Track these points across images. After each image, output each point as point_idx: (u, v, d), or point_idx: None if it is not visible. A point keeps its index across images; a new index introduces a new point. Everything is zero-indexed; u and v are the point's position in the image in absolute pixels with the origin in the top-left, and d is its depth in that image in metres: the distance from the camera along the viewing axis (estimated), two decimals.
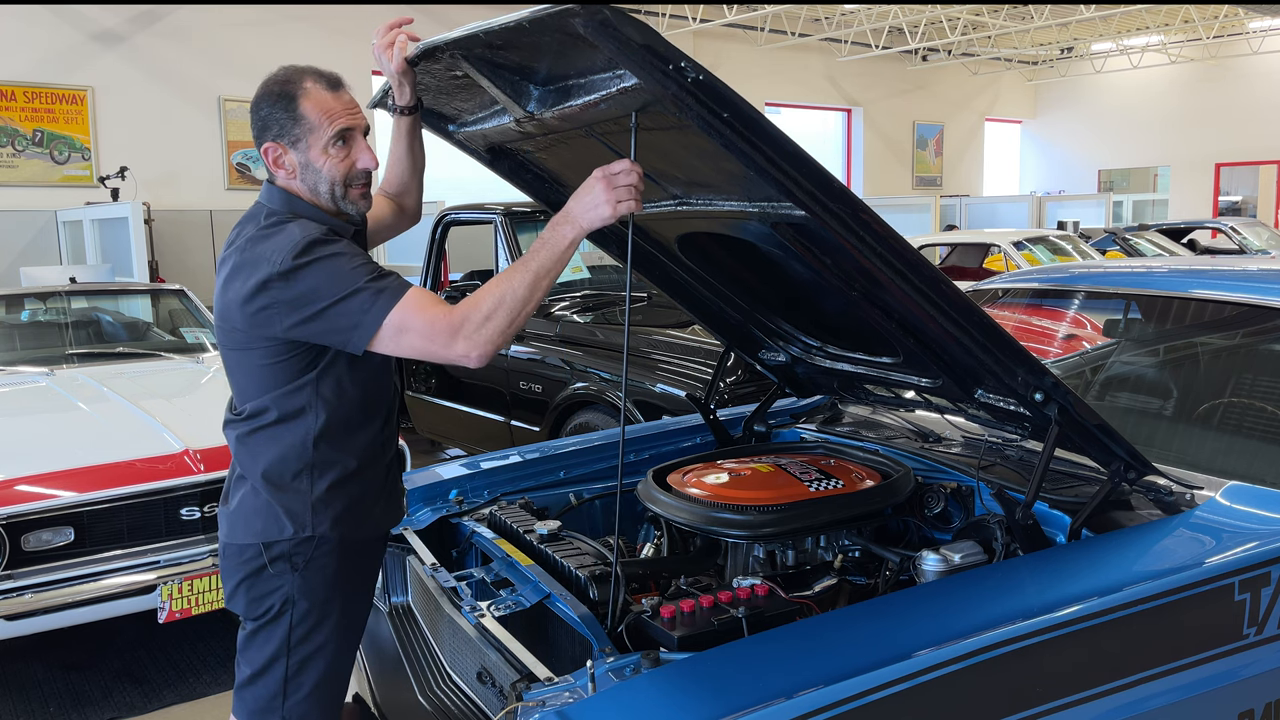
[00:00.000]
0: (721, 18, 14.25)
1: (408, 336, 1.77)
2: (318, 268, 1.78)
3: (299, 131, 1.87)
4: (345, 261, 1.80)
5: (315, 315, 1.78)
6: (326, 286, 1.78)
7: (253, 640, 1.95)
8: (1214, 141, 18.96)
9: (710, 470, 2.25)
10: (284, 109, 1.87)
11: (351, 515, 1.96)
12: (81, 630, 3.76)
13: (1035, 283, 3.22)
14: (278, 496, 1.91)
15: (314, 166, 1.89)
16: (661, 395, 4.29)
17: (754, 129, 1.54)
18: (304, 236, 1.81)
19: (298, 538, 1.90)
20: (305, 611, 1.92)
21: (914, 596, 1.72)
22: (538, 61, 1.73)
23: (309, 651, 1.93)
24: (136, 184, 9.88)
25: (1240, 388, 2.53)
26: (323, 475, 1.92)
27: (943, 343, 1.93)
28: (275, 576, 1.91)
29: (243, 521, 1.93)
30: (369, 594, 2.09)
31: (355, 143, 1.91)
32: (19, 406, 4.40)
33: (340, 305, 1.77)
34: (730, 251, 2.21)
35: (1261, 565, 1.74)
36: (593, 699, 1.45)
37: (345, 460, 1.94)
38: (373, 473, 2.00)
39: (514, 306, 1.76)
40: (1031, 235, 10.45)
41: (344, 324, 1.78)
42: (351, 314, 1.77)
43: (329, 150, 1.87)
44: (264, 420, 1.91)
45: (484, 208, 5.69)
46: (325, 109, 1.87)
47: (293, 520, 1.90)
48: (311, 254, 1.79)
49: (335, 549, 1.93)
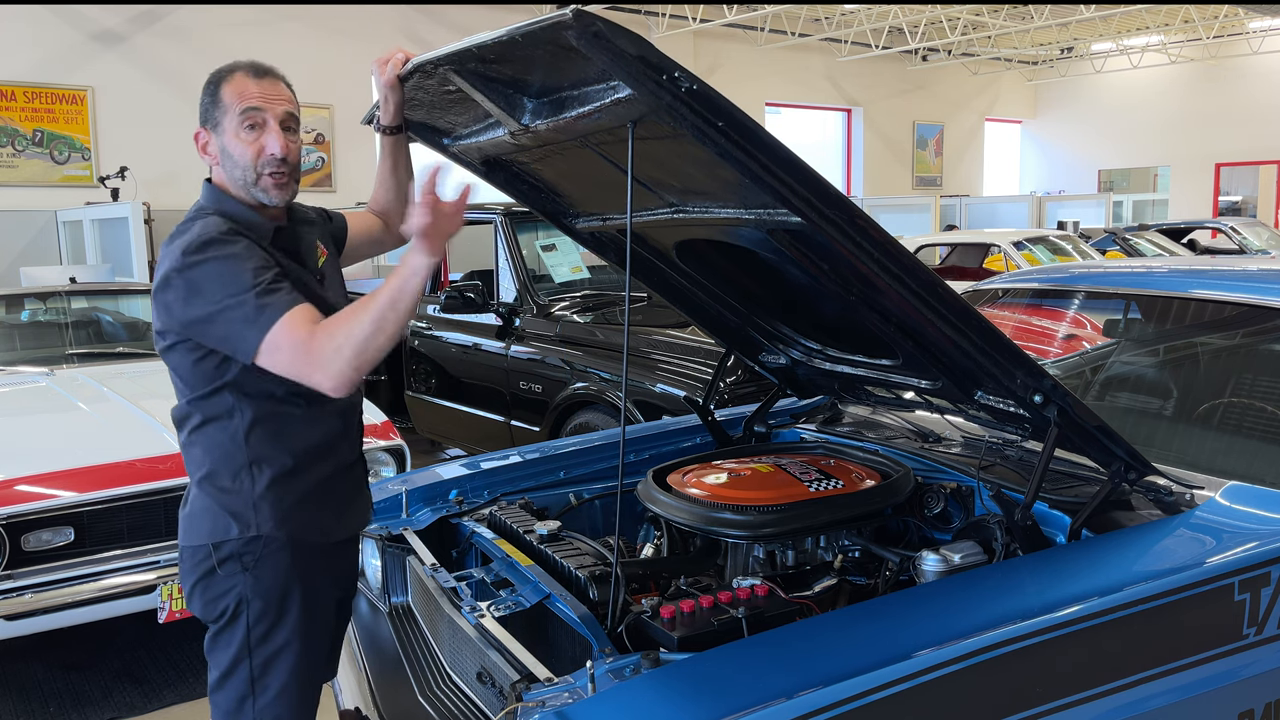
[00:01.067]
0: (721, 18, 14.25)
1: (280, 355, 1.72)
2: (208, 268, 1.75)
3: (217, 115, 1.87)
4: (237, 265, 1.75)
5: (204, 319, 1.75)
6: (212, 289, 1.74)
7: (215, 643, 1.93)
8: (1214, 141, 18.96)
9: (710, 470, 2.26)
10: (209, 94, 1.88)
11: (299, 515, 1.91)
12: (81, 630, 3.76)
13: (1035, 283, 3.22)
14: (219, 498, 1.88)
15: (228, 150, 1.87)
16: (661, 395, 4.29)
17: (749, 137, 1.54)
18: (201, 234, 1.78)
19: (244, 537, 1.87)
20: (260, 611, 1.89)
21: (914, 596, 1.72)
22: (531, 74, 1.73)
23: (271, 652, 1.91)
24: (136, 184, 9.88)
25: (1240, 388, 2.53)
26: (261, 472, 1.88)
27: (941, 346, 1.94)
28: (226, 577, 1.88)
29: (192, 524, 1.91)
30: (337, 595, 2.05)
31: (266, 127, 1.87)
32: (19, 406, 4.40)
33: (226, 312, 1.73)
34: (728, 257, 2.21)
35: (1261, 565, 1.74)
36: (593, 699, 1.45)
37: (281, 457, 1.89)
38: (319, 471, 1.95)
39: (360, 341, 1.69)
40: (1031, 235, 10.45)
41: (228, 332, 1.75)
42: (235, 323, 1.73)
43: (240, 134, 1.86)
44: (195, 422, 1.89)
45: (484, 208, 5.69)
46: (240, 91, 1.86)
47: (237, 520, 1.87)
48: (204, 253, 1.75)
49: (286, 548, 1.89)
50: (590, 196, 2.29)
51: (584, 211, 2.39)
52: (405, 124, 2.14)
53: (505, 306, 5.28)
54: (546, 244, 5.57)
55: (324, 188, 12.13)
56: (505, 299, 5.33)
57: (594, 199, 2.29)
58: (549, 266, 5.53)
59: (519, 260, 5.35)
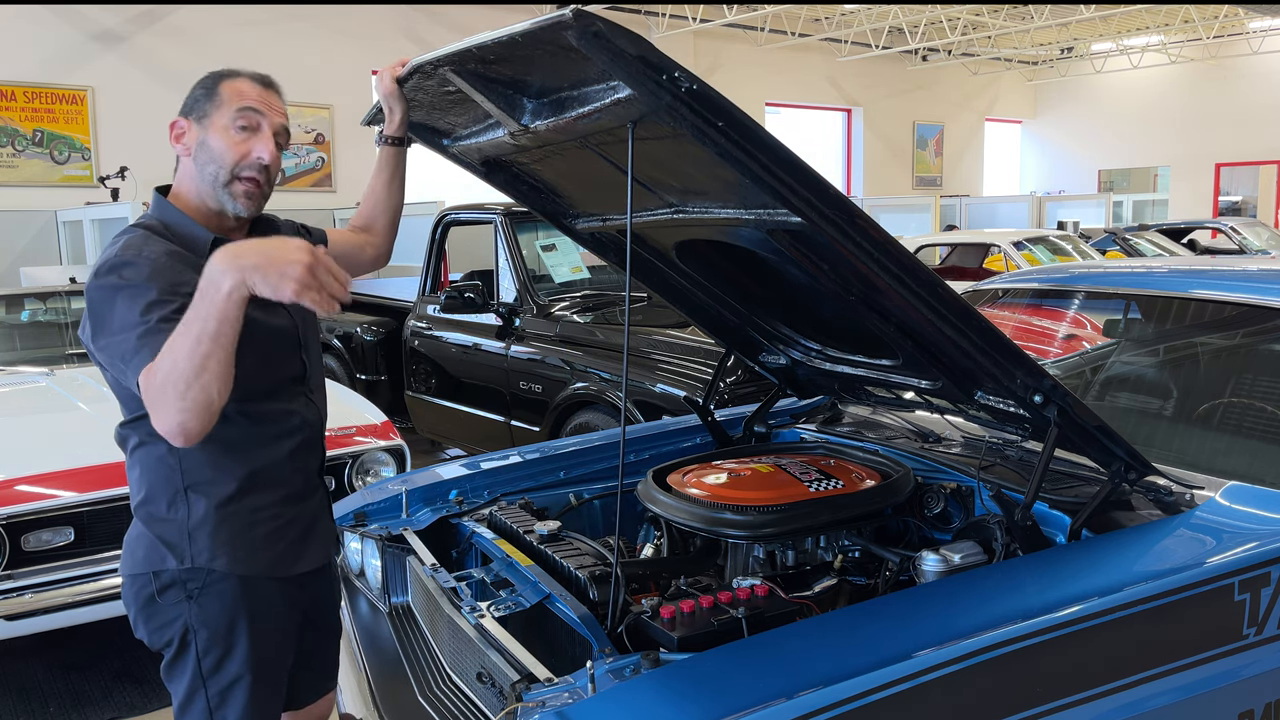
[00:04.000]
0: (721, 18, 14.25)
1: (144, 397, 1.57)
2: (107, 295, 1.65)
3: (208, 107, 1.81)
4: (135, 294, 1.62)
5: (98, 347, 1.67)
6: (108, 318, 1.64)
7: (170, 672, 1.85)
8: (1214, 141, 18.96)
9: (710, 470, 2.25)
10: (204, 87, 1.83)
11: (239, 547, 1.80)
12: (81, 630, 3.75)
13: (1035, 283, 3.22)
14: (154, 526, 1.80)
15: (209, 144, 1.80)
16: (661, 395, 4.29)
17: (749, 137, 1.53)
18: (117, 255, 1.68)
19: (179, 569, 1.78)
20: (208, 641, 1.80)
21: (914, 597, 1.72)
22: (531, 75, 1.73)
23: (225, 683, 1.82)
24: (136, 184, 9.87)
25: (1240, 388, 2.53)
26: (197, 499, 1.78)
27: (941, 346, 1.94)
28: (169, 606, 1.79)
29: (130, 551, 1.83)
30: (299, 620, 1.95)
31: (260, 132, 1.82)
32: (19, 406, 4.40)
33: (114, 345, 1.63)
34: (728, 258, 2.21)
35: (1261, 565, 1.74)
36: (592, 699, 1.45)
37: (222, 483, 1.78)
38: (263, 499, 1.83)
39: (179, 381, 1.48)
40: (1031, 235, 10.45)
41: (114, 364, 1.66)
42: (118, 357, 1.63)
43: (230, 131, 1.80)
44: (132, 444, 1.80)
45: (484, 208, 5.70)
46: (238, 91, 1.83)
47: (171, 551, 1.78)
48: (109, 277, 1.66)
49: (228, 579, 1.79)
50: (590, 197, 2.29)
51: (584, 212, 2.39)
52: (407, 140, 2.12)
53: (505, 306, 5.28)
54: (546, 244, 5.57)
55: (324, 188, 12.13)
56: (505, 299, 5.33)
57: (594, 199, 2.29)
58: (549, 266, 5.53)
59: (519, 260, 5.35)
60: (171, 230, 1.80)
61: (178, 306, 1.59)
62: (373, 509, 2.51)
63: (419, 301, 6.02)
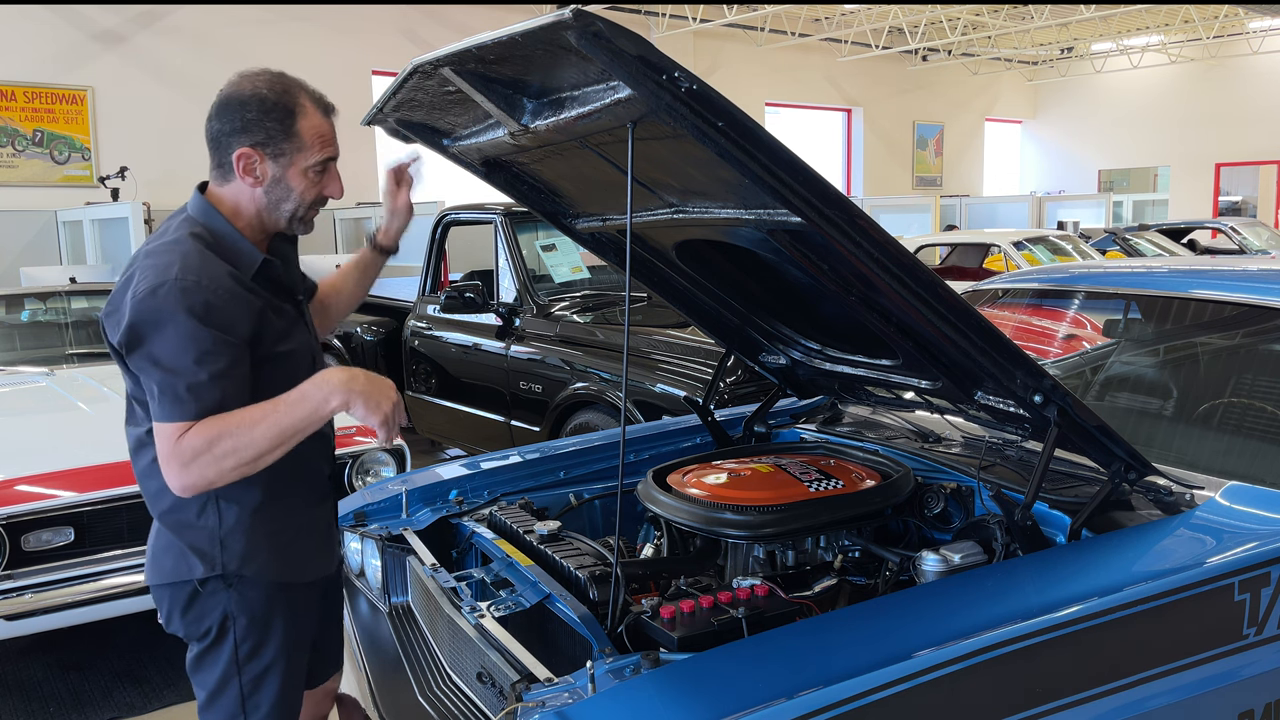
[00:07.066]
0: (721, 18, 14.25)
1: (161, 445, 1.67)
2: (166, 324, 1.67)
3: (287, 147, 1.80)
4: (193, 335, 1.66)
5: (142, 367, 1.70)
6: (162, 346, 1.67)
7: (200, 663, 1.88)
8: (1214, 141, 18.97)
9: (710, 470, 2.26)
10: (278, 120, 1.79)
11: (269, 552, 1.85)
12: (81, 630, 3.76)
13: (1035, 283, 3.22)
14: (182, 534, 1.82)
15: (288, 184, 1.83)
16: (661, 395, 4.29)
17: (749, 137, 1.53)
18: (179, 280, 1.68)
19: (209, 575, 1.81)
20: (246, 627, 1.84)
21: (914, 596, 1.72)
22: (531, 74, 1.73)
23: (260, 669, 1.86)
24: (136, 184, 9.88)
25: (1240, 388, 2.53)
26: (228, 507, 1.81)
27: (941, 346, 1.94)
28: (209, 595, 1.83)
29: (157, 562, 1.85)
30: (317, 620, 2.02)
31: (330, 171, 1.89)
32: (19, 406, 4.40)
33: (161, 370, 1.67)
34: (728, 258, 2.21)
35: (1261, 565, 1.74)
36: (593, 699, 1.45)
37: (252, 489, 1.82)
38: (290, 505, 1.89)
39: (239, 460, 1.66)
40: (1031, 235, 10.45)
41: (153, 385, 1.69)
42: (161, 385, 1.67)
43: (309, 174, 1.84)
44: (154, 455, 1.77)
45: (484, 208, 5.70)
46: (320, 134, 1.84)
47: (201, 558, 1.81)
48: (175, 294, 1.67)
49: (258, 583, 1.85)
50: (590, 197, 2.29)
51: (584, 212, 2.39)
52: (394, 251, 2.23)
53: (505, 306, 5.28)
54: (546, 244, 5.57)
55: None
56: (505, 299, 5.33)
57: (594, 199, 2.29)
58: (549, 266, 5.53)
59: (519, 260, 5.35)
60: (220, 242, 1.81)
61: (230, 360, 1.70)
62: (373, 509, 2.51)
63: (419, 301, 6.03)
